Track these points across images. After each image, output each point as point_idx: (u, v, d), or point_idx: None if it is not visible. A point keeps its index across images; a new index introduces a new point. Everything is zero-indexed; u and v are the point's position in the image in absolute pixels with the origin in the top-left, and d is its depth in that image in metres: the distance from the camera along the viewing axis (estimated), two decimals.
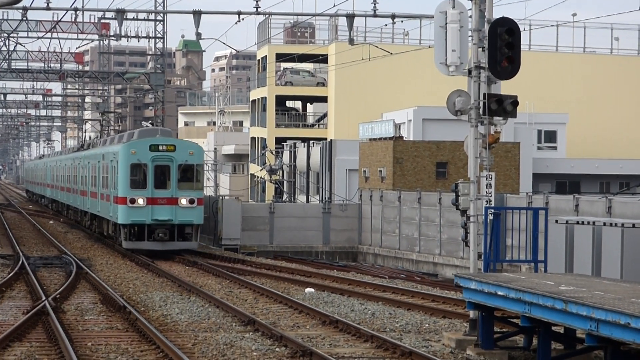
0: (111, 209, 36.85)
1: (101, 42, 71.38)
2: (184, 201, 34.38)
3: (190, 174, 35.09)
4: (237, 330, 19.46)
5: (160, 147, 34.78)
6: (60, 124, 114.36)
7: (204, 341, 18.07)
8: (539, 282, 15.47)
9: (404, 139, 51.61)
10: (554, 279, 16.16)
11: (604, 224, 21.77)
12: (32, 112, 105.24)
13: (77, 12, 41.55)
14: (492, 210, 18.11)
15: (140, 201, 34.17)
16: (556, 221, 22.90)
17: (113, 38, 59.33)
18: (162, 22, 56.46)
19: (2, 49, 57.44)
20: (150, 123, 50.63)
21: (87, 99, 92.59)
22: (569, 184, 57.56)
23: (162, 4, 53.92)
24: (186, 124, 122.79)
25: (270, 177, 61.43)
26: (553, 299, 13.82)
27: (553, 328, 15.47)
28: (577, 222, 22.63)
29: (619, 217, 25.56)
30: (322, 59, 65.85)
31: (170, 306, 22.76)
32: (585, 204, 30.06)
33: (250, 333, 19.06)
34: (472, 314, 17.77)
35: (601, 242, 21.39)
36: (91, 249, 39.55)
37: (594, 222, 22.11)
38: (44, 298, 22.52)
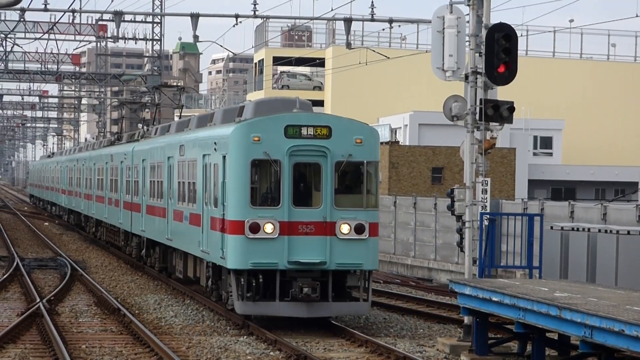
0: (207, 240, 21.81)
1: (98, 43, 71.03)
2: (345, 228, 19.74)
3: (357, 180, 20.39)
4: (231, 334, 19.75)
5: (303, 131, 19.77)
6: (56, 126, 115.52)
7: (198, 344, 18.25)
8: (533, 289, 15.62)
9: (400, 143, 51.95)
10: (548, 286, 16.31)
11: (599, 230, 21.97)
12: (28, 113, 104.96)
13: (75, 14, 41.99)
14: (488, 216, 18.24)
15: (269, 228, 19.42)
16: (551, 227, 23.13)
17: (110, 40, 60.39)
18: (159, 25, 57.13)
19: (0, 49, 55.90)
20: (145, 126, 39.33)
21: (84, 101, 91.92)
22: (564, 190, 57.99)
23: (159, 6, 54.51)
24: None
25: None
26: (547, 305, 13.93)
27: (547, 334, 15.63)
28: (572, 229, 22.83)
29: (614, 223, 25.74)
30: (319, 62, 66.28)
31: (165, 309, 22.95)
32: (580, 211, 30.26)
33: (245, 337, 19.29)
34: (466, 319, 17.94)
35: (596, 249, 21.61)
36: (86, 251, 39.71)
37: (589, 229, 22.31)
38: (38, 300, 22.66)
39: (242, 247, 19.30)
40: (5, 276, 28.60)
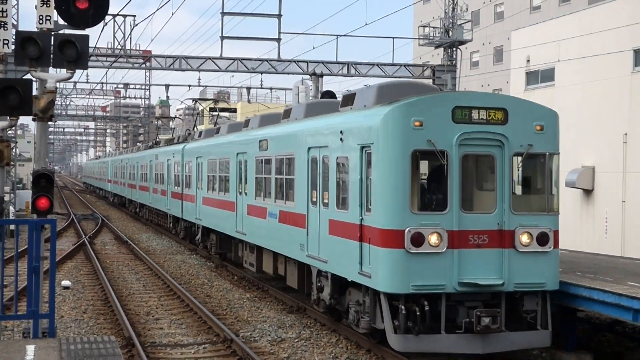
0: (321, 246, 17.49)
1: (116, 99, 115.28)
2: (525, 238, 14.98)
3: (538, 177, 15.66)
4: (187, 255, 34.27)
5: (474, 115, 14.88)
6: (94, 144, 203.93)
7: (169, 259, 32.76)
8: None
9: None
10: None
11: None
12: (78, 137, 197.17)
13: (103, 84, 78.73)
14: None
15: (435, 240, 14.45)
16: None
17: (122, 98, 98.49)
18: (148, 89, 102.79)
19: (62, 103, 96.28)
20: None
21: (107, 131, 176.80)
22: None
23: (149, 78, 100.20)
24: None
25: None
26: None
27: None
28: None
29: None
30: (234, 110, 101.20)
31: (151, 241, 38.59)
32: None
33: (195, 255, 33.89)
34: None
35: None
36: (109, 210, 61.71)
37: None
38: (83, 237, 38.76)
39: (402, 265, 14.07)
40: (66, 224, 45.94)
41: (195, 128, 45.17)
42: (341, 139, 16.10)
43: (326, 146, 17.00)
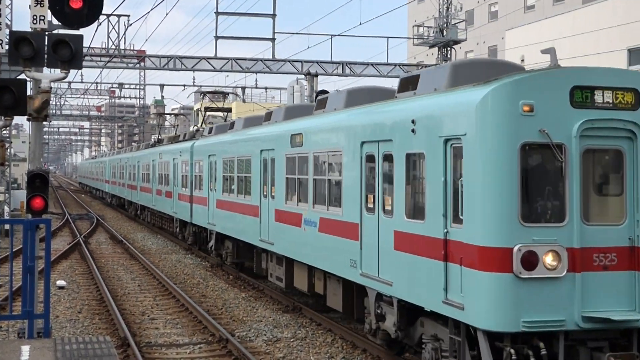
0: (384, 264, 13.90)
1: (110, 99, 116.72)
2: None
3: None
4: (183, 254, 34.31)
5: (597, 97, 11.15)
6: (88, 143, 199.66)
7: (165, 259, 32.81)
8: None
9: None
10: None
11: None
12: (72, 137, 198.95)
13: (98, 84, 79.62)
14: None
15: (552, 261, 10.80)
16: None
17: (117, 98, 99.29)
18: (143, 89, 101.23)
19: (56, 103, 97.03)
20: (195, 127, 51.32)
21: (102, 131, 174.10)
22: None
23: (143, 78, 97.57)
24: None
25: None
26: None
27: None
28: None
29: None
30: (229, 109, 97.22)
31: (146, 240, 38.57)
32: None
33: (190, 255, 33.99)
34: None
35: None
36: (104, 210, 61.25)
37: None
38: (78, 236, 38.68)
39: (510, 295, 10.71)
40: (61, 223, 45.82)
41: (202, 125, 42.73)
42: (413, 130, 12.60)
43: (389, 140, 13.47)
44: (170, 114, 60.03)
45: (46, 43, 13.40)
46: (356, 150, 14.91)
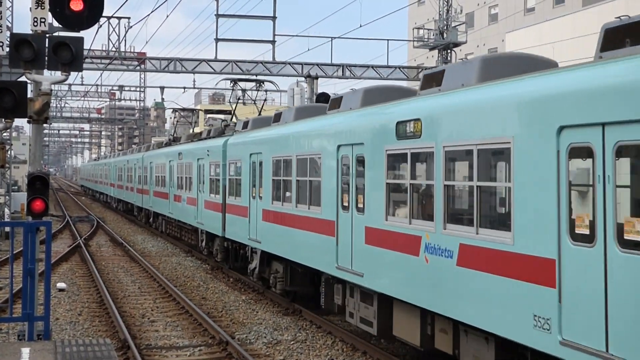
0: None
1: (111, 102, 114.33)
2: None
3: None
4: (183, 257, 34.39)
5: None
6: (89, 145, 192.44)
7: (165, 261, 32.83)
8: None
9: None
10: None
11: None
12: (73, 139, 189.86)
13: (98, 86, 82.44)
14: None
15: None
16: None
17: (117, 100, 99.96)
18: (143, 91, 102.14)
19: (57, 106, 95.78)
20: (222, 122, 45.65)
21: (103, 134, 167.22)
22: None
23: (144, 81, 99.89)
24: None
25: None
26: None
27: None
28: None
29: None
30: (229, 112, 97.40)
31: (147, 243, 38.52)
32: None
33: (190, 257, 34.10)
34: None
35: None
36: (105, 212, 61.11)
37: None
38: (79, 238, 38.67)
39: None
40: (61, 226, 45.79)
41: (228, 121, 36.93)
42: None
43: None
44: (185, 110, 55.17)
45: (47, 45, 13.42)
46: (542, 140, 9.89)
